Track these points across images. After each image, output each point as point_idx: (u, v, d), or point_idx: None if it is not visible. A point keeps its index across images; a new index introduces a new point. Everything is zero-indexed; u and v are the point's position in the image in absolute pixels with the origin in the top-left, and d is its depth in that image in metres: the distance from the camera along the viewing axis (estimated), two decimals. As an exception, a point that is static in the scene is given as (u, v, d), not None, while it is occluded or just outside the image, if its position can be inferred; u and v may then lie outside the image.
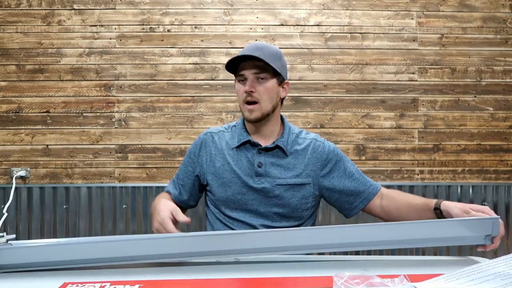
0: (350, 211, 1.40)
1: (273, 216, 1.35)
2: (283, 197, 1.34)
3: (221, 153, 1.39)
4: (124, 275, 0.91)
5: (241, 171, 1.35)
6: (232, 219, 1.36)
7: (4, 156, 2.38)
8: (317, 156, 1.38)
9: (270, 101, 1.34)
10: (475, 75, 2.45)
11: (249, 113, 1.33)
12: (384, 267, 0.96)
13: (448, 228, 0.96)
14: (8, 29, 2.38)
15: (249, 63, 1.31)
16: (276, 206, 1.34)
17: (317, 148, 1.39)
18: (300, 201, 1.35)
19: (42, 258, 0.95)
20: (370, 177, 2.39)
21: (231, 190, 1.35)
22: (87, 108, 2.39)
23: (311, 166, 1.37)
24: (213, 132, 1.45)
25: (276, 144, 1.36)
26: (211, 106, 2.41)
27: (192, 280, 0.89)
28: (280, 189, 1.34)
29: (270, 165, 1.35)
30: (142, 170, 2.40)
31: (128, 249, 0.95)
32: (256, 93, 1.31)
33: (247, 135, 1.38)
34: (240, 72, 1.33)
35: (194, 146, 1.45)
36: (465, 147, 2.44)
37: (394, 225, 0.99)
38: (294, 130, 1.43)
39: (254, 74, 1.31)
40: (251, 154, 1.36)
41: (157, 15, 2.41)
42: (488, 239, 0.96)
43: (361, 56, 2.43)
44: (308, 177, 1.36)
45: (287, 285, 0.87)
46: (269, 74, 1.33)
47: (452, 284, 0.78)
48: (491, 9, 2.45)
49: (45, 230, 2.35)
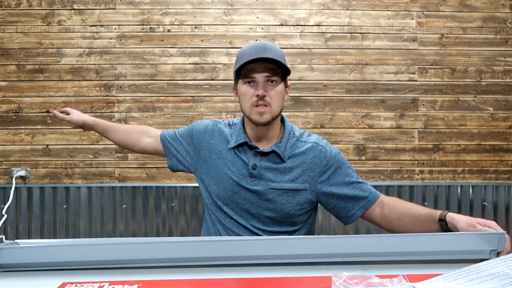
0: (348, 218, 1.34)
1: (264, 219, 1.32)
2: (276, 202, 1.30)
3: (219, 149, 1.38)
4: (123, 275, 0.91)
5: (235, 171, 1.33)
6: (225, 214, 1.35)
7: (4, 156, 2.38)
8: (317, 161, 1.33)
9: (279, 105, 1.31)
10: (475, 75, 2.45)
11: (259, 116, 1.28)
12: (383, 267, 0.96)
13: (452, 242, 0.94)
14: (8, 29, 2.38)
15: (260, 66, 1.26)
16: (268, 210, 1.31)
17: (317, 153, 1.34)
18: (295, 207, 1.31)
19: (42, 259, 0.95)
20: (370, 177, 2.42)
21: (223, 186, 1.34)
22: (87, 108, 2.39)
23: (309, 171, 1.32)
24: (220, 124, 1.43)
25: (273, 149, 1.32)
26: (211, 106, 2.41)
27: (191, 280, 0.89)
28: (273, 193, 1.30)
29: (265, 169, 1.32)
30: (142, 170, 2.40)
31: (129, 252, 0.95)
32: (267, 97, 1.27)
33: (245, 136, 1.34)
34: (250, 74, 1.27)
35: (199, 128, 1.44)
36: (465, 147, 2.44)
37: (396, 237, 0.98)
38: (295, 133, 1.38)
39: (266, 77, 1.27)
40: (247, 155, 1.34)
41: (157, 15, 2.41)
42: (493, 254, 0.95)
43: (361, 56, 2.43)
44: (305, 182, 1.32)
45: (286, 285, 0.87)
46: (279, 77, 1.29)
47: (451, 284, 0.78)
48: (491, 9, 2.45)
49: (45, 230, 2.35)
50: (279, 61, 1.25)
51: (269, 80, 1.28)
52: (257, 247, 0.95)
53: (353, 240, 0.98)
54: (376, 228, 1.39)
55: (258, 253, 0.95)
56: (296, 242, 0.97)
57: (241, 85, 1.32)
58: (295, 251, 0.95)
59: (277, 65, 1.27)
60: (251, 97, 1.28)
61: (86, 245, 0.99)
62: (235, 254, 0.95)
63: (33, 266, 0.94)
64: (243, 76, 1.30)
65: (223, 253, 0.95)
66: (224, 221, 1.35)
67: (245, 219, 1.33)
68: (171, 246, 0.98)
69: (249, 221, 1.33)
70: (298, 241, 0.97)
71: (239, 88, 1.33)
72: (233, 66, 1.40)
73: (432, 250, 0.93)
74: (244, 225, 1.33)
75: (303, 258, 0.95)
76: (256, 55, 1.24)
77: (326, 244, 0.96)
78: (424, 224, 1.18)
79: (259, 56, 1.24)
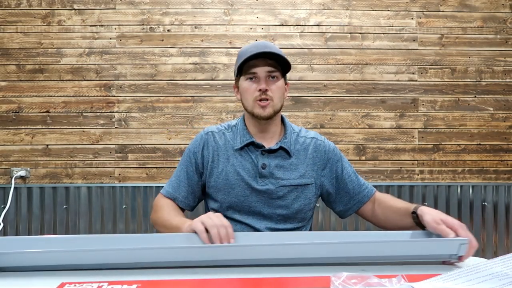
0: (345, 212, 1.40)
1: (277, 217, 1.33)
2: (286, 198, 1.33)
3: (224, 154, 1.36)
4: (122, 275, 0.91)
5: (245, 173, 1.33)
6: (236, 221, 1.34)
7: (4, 156, 2.38)
8: (317, 155, 1.37)
9: (280, 100, 1.34)
10: (475, 75, 2.45)
11: (262, 110, 1.30)
12: (382, 267, 0.96)
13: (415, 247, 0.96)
14: (8, 29, 2.38)
15: (261, 62, 1.30)
16: (280, 208, 1.33)
17: (317, 147, 1.38)
18: (304, 202, 1.34)
19: (40, 261, 0.95)
20: (370, 177, 2.41)
21: (234, 193, 1.33)
22: (87, 108, 2.39)
23: (312, 165, 1.36)
24: (214, 131, 1.41)
25: (280, 146, 1.34)
26: (211, 106, 2.41)
27: (191, 280, 0.89)
28: (283, 190, 1.33)
29: (274, 167, 1.33)
30: (142, 170, 2.40)
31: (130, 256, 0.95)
32: (269, 91, 1.30)
33: (250, 136, 1.35)
34: (251, 70, 1.30)
35: (194, 145, 1.40)
36: (465, 147, 2.44)
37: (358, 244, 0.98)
38: (295, 129, 1.42)
39: (267, 72, 1.30)
40: (254, 155, 1.34)
41: (157, 15, 2.41)
42: (454, 258, 0.96)
43: (361, 56, 2.43)
44: (311, 177, 1.35)
45: (285, 285, 0.87)
46: (280, 73, 1.33)
47: (449, 284, 0.78)
48: (491, 9, 2.45)
49: (45, 230, 2.35)
50: (279, 55, 1.28)
51: (270, 75, 1.31)
52: (257, 252, 0.96)
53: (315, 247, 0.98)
54: (376, 227, 1.39)
55: (259, 257, 0.95)
56: (295, 248, 0.97)
57: (243, 81, 1.34)
58: (294, 255, 0.96)
59: (277, 61, 1.30)
60: (254, 92, 1.31)
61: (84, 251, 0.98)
62: (237, 258, 0.95)
63: (28, 269, 0.94)
64: (244, 73, 1.32)
65: (224, 257, 0.96)
66: (235, 226, 1.34)
67: (258, 221, 1.34)
68: (173, 251, 0.98)
69: (262, 222, 1.34)
70: (297, 247, 0.97)
71: (241, 84, 1.35)
72: (233, 66, 1.41)
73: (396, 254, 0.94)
74: (257, 228, 1.33)
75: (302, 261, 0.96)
76: (257, 51, 1.28)
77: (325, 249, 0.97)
78: (403, 217, 1.23)
79: (260, 51, 1.27)
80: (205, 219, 1.08)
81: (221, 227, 1.05)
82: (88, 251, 0.98)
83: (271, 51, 1.27)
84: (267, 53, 1.27)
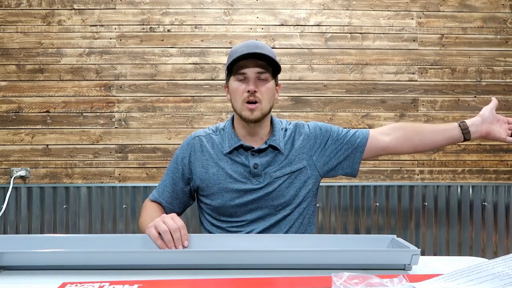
0: (353, 170, 1.41)
1: (276, 208, 1.34)
2: (281, 186, 1.34)
3: (213, 159, 1.36)
4: (123, 275, 0.91)
5: (238, 175, 1.33)
6: (239, 225, 1.34)
7: (4, 156, 2.38)
8: (304, 138, 1.38)
9: (269, 102, 1.33)
10: (475, 75, 2.45)
11: (250, 113, 1.30)
12: (383, 267, 0.96)
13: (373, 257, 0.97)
14: (8, 29, 2.38)
15: (251, 62, 1.28)
16: (277, 198, 1.34)
17: (300, 130, 1.40)
18: (299, 186, 1.35)
19: (42, 261, 0.95)
20: (370, 177, 2.42)
21: (228, 196, 1.33)
22: (87, 108, 2.39)
23: (301, 149, 1.37)
24: (201, 135, 1.40)
25: (269, 144, 1.35)
26: (211, 106, 2.41)
27: (191, 280, 0.89)
28: (278, 181, 1.33)
29: (266, 164, 1.34)
30: (142, 170, 2.40)
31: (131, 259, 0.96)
32: (258, 93, 1.29)
33: (238, 139, 1.35)
34: (241, 71, 1.29)
35: (182, 151, 1.40)
36: (465, 147, 2.44)
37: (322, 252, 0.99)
38: (282, 124, 1.42)
39: (257, 73, 1.29)
40: (244, 156, 1.34)
41: (157, 15, 2.41)
42: (408, 267, 0.96)
43: (361, 56, 2.43)
44: (302, 160, 1.36)
45: (286, 285, 0.87)
46: (270, 75, 1.32)
47: (451, 284, 0.78)
48: (491, 9, 2.45)
49: (45, 230, 2.35)
50: (269, 57, 1.28)
51: (259, 76, 1.30)
52: (257, 257, 0.96)
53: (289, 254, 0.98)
54: (376, 227, 1.40)
55: (258, 262, 0.96)
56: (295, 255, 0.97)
57: (232, 81, 1.34)
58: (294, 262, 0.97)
59: (267, 62, 1.29)
60: (242, 93, 1.30)
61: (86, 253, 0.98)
62: (237, 263, 0.96)
63: (30, 268, 0.95)
64: (234, 73, 1.32)
65: (224, 262, 0.96)
66: (231, 229, 1.35)
67: (255, 219, 1.34)
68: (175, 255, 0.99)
69: (260, 221, 1.34)
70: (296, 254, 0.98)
71: (231, 85, 1.34)
72: (233, 66, 1.40)
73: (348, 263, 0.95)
74: (255, 227, 1.34)
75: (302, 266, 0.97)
76: (247, 51, 1.27)
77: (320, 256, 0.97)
78: (445, 133, 1.40)
79: (250, 51, 1.26)
80: (158, 223, 1.09)
81: (174, 230, 1.06)
82: (90, 252, 0.99)
83: (261, 52, 1.26)
84: (257, 54, 1.26)
